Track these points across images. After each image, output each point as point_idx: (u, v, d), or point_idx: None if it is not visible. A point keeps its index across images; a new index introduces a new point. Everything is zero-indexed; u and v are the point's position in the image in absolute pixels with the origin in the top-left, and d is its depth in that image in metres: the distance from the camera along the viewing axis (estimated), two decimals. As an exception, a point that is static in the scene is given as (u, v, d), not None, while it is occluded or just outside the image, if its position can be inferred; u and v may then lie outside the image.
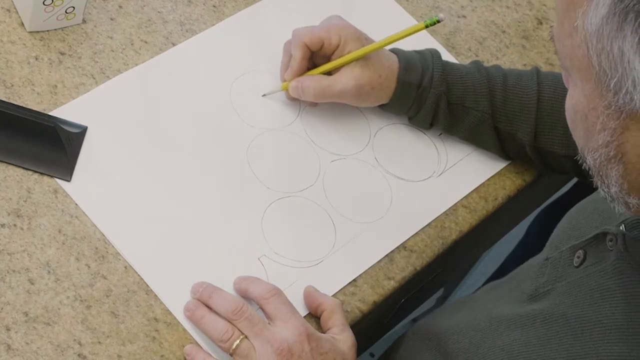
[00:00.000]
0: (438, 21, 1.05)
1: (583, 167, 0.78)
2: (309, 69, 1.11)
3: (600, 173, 0.75)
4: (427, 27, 1.06)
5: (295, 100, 1.12)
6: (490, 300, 0.98)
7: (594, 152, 0.74)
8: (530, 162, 1.13)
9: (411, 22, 1.25)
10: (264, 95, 1.12)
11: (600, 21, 0.68)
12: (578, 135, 0.77)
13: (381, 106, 1.12)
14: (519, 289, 0.94)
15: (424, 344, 0.99)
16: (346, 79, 1.07)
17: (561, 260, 0.89)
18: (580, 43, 0.70)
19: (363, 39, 1.08)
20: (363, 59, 1.07)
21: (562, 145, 1.07)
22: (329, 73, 1.09)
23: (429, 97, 1.09)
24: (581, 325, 0.81)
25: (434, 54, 1.10)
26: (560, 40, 0.73)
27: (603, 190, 0.76)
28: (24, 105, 1.03)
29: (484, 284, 1.67)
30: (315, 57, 1.10)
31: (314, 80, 1.08)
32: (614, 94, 0.70)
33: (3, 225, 0.96)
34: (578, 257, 0.87)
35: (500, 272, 1.66)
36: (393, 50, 1.10)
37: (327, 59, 1.09)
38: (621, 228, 0.82)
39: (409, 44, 1.12)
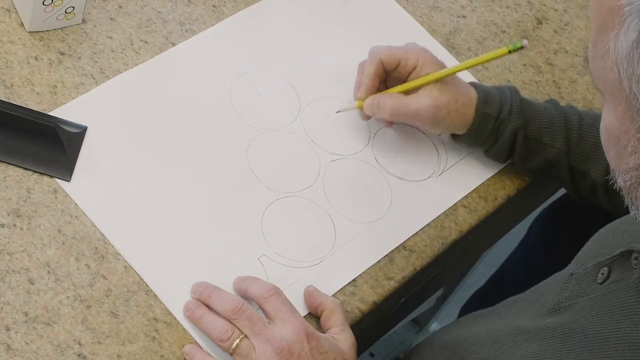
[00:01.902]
0: (522, 47, 1.03)
1: (614, 188, 0.77)
2: (380, 91, 1.09)
3: (631, 195, 0.75)
4: (509, 52, 1.04)
5: (368, 119, 1.11)
6: (510, 313, 0.98)
7: (625, 174, 0.74)
8: None
9: (411, 22, 1.25)
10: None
11: (630, 45, 0.68)
12: (610, 157, 0.77)
13: (455, 137, 1.12)
14: (540, 302, 0.93)
15: (439, 353, 0.98)
16: (424, 99, 1.06)
17: (586, 276, 0.89)
18: (611, 66, 0.70)
19: (440, 64, 1.08)
20: (441, 82, 1.06)
21: None
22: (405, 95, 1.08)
23: (506, 129, 1.08)
24: (600, 341, 0.81)
25: (512, 89, 1.10)
26: (594, 62, 0.73)
27: (633, 210, 0.76)
28: (24, 105, 1.03)
29: (484, 284, 1.68)
30: (389, 79, 1.09)
31: (391, 98, 1.07)
32: None
33: (3, 225, 0.96)
34: (602, 274, 0.86)
35: (501, 272, 1.66)
36: (470, 83, 1.10)
37: (402, 81, 1.08)
38: None
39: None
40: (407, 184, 1.12)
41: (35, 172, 1.00)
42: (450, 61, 1.23)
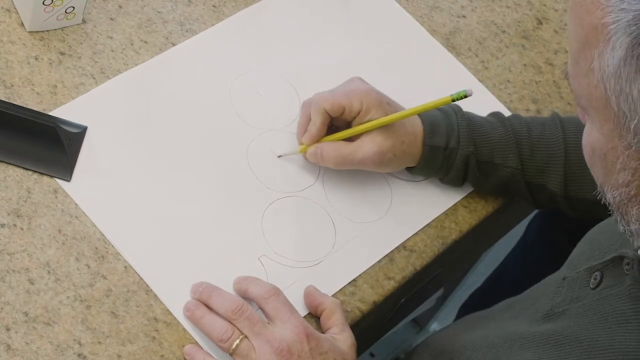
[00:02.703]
0: (465, 96, 1.00)
1: (602, 202, 0.77)
2: (325, 133, 1.07)
3: (620, 210, 0.74)
4: (453, 100, 1.01)
5: (313, 164, 1.09)
6: (505, 318, 0.98)
7: (613, 190, 0.73)
8: None
9: (411, 22, 1.25)
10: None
11: (617, 62, 0.67)
12: (597, 172, 0.76)
13: (408, 169, 1.10)
14: (534, 307, 0.93)
15: (436, 357, 0.98)
16: (368, 146, 1.04)
17: (578, 280, 0.89)
18: (597, 83, 0.69)
19: (385, 105, 1.05)
20: (385, 125, 1.04)
21: (592, 191, 1.05)
22: (349, 139, 1.06)
23: (457, 158, 1.06)
24: (593, 348, 0.80)
25: (457, 111, 1.08)
26: (576, 79, 0.72)
27: (622, 225, 0.75)
28: (24, 105, 1.03)
29: (483, 283, 1.68)
30: (336, 120, 1.07)
31: (334, 148, 1.05)
32: (634, 135, 0.69)
33: (3, 225, 0.96)
34: (595, 279, 0.86)
35: (500, 270, 1.66)
36: (418, 114, 1.07)
37: (347, 123, 1.07)
38: (639, 252, 0.81)
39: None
40: (407, 184, 1.12)
41: (35, 172, 1.00)
42: (451, 61, 1.23)
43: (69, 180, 1.01)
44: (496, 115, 1.11)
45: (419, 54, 1.23)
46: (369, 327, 1.08)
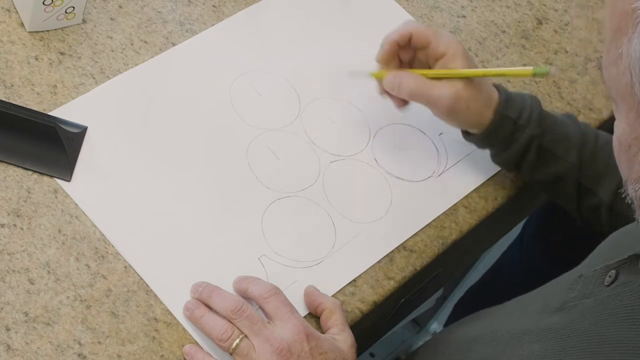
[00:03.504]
0: (547, 73, 1.02)
1: (626, 201, 0.76)
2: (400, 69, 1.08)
3: None
4: (534, 74, 1.03)
5: (385, 94, 1.09)
6: (515, 313, 0.97)
7: (635, 184, 0.73)
8: None
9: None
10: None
11: None
12: (622, 167, 0.75)
13: (466, 136, 1.10)
14: (546, 302, 0.93)
15: (441, 353, 0.98)
16: (446, 86, 1.04)
17: (593, 278, 0.88)
18: (624, 70, 0.69)
19: (470, 60, 1.06)
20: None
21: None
22: None
23: (522, 136, 1.07)
24: (600, 343, 0.80)
25: (534, 98, 1.09)
26: (607, 69, 0.71)
27: None
28: (24, 105, 1.03)
29: (479, 280, 1.68)
30: (416, 61, 1.08)
31: (414, 79, 1.06)
32: None
33: (3, 225, 0.96)
34: (610, 277, 0.85)
35: (496, 268, 1.66)
36: (494, 85, 1.08)
37: (427, 67, 1.07)
38: None
39: None
40: (407, 184, 1.12)
41: (35, 172, 1.00)
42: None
43: (69, 180, 1.01)
44: (569, 115, 1.11)
45: (419, 54, 1.23)
46: (369, 327, 1.08)
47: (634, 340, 0.78)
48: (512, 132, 1.07)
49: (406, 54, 1.08)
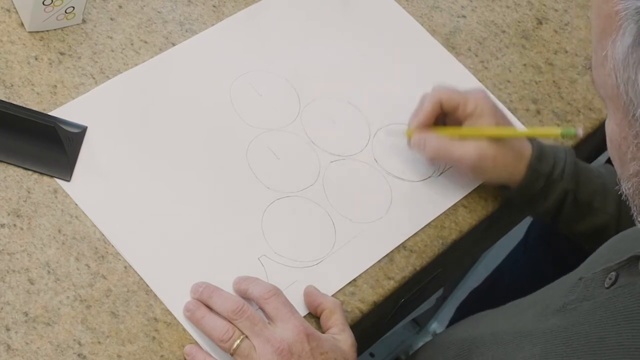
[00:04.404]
0: (575, 135, 1.04)
1: (622, 198, 0.76)
2: (437, 124, 1.10)
3: (635, 202, 0.74)
4: (562, 136, 1.06)
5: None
6: (515, 315, 0.97)
7: (627, 181, 0.73)
8: None
9: (411, 22, 1.25)
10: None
11: (626, 50, 0.67)
12: (616, 165, 0.76)
13: (505, 191, 1.11)
14: (546, 305, 0.93)
15: (441, 355, 0.98)
16: (470, 148, 1.06)
17: (594, 280, 0.88)
18: (609, 72, 0.70)
19: (499, 116, 1.07)
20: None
21: None
22: None
23: (556, 190, 1.07)
24: (601, 345, 0.80)
25: (568, 151, 1.09)
26: (595, 70, 0.72)
27: (638, 220, 0.75)
28: (24, 105, 1.03)
29: (481, 283, 1.68)
30: (449, 118, 1.09)
31: (438, 142, 1.07)
32: None
33: (3, 225, 0.96)
34: (610, 279, 0.85)
35: (499, 271, 1.66)
36: (528, 139, 1.09)
37: (459, 123, 1.08)
38: None
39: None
40: (407, 184, 1.12)
41: (35, 172, 1.00)
42: (451, 61, 1.23)
43: (68, 180, 1.01)
44: (606, 166, 1.12)
45: (419, 54, 1.23)
46: (369, 327, 1.08)
47: (634, 342, 0.78)
48: (546, 187, 1.07)
49: (436, 116, 1.10)
